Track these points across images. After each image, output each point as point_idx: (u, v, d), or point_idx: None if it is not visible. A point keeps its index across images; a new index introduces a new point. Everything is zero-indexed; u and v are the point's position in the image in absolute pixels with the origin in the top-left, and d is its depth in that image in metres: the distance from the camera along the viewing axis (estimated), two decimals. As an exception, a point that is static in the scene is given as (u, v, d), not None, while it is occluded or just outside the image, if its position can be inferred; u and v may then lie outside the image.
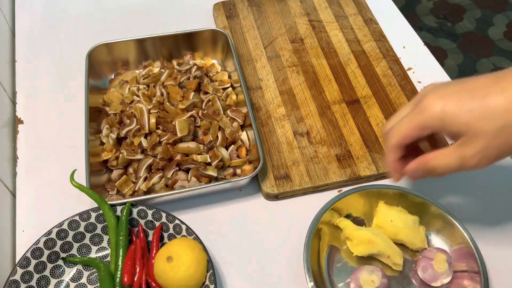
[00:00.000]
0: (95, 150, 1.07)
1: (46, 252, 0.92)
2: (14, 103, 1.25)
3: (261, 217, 1.05)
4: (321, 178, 1.08)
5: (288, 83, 1.27)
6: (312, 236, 0.95)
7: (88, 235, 0.97)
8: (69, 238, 0.95)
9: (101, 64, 1.24)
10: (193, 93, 1.16)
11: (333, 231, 1.00)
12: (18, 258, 0.99)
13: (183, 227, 0.96)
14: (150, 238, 0.98)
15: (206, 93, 1.20)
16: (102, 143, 1.11)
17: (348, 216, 1.01)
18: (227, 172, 1.08)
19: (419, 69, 1.32)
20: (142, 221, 0.98)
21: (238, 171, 1.10)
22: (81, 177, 1.02)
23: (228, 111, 1.16)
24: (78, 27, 1.43)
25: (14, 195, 1.10)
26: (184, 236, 0.96)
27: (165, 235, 0.98)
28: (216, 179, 1.05)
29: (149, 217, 0.98)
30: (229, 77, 1.27)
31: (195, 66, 1.25)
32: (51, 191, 1.08)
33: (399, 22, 1.46)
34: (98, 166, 1.06)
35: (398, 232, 0.96)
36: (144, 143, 1.07)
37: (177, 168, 1.06)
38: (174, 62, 1.27)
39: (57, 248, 0.93)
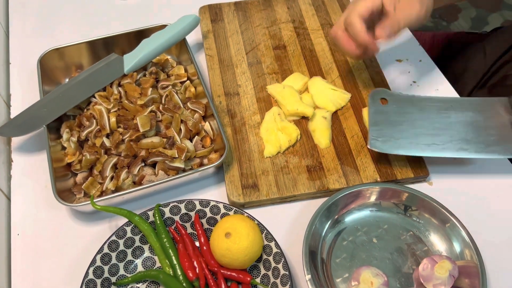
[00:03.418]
0: (57, 155, 1.08)
1: (98, 282, 0.91)
2: (8, 105, 1.26)
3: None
4: (289, 189, 1.07)
5: (266, 91, 1.26)
6: (312, 230, 0.96)
7: (129, 251, 0.97)
8: (114, 260, 0.95)
9: (54, 70, 1.25)
10: (150, 89, 1.18)
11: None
12: (13, 262, 0.99)
13: (220, 205, 0.98)
14: (188, 231, 1.01)
15: (164, 88, 1.21)
16: (64, 148, 1.12)
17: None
18: (194, 163, 1.10)
19: (415, 69, 1.33)
20: (176, 217, 1.00)
21: (205, 160, 1.12)
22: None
23: (188, 103, 1.18)
24: (73, 28, 1.43)
25: (9, 198, 1.10)
26: (225, 213, 0.98)
27: (203, 221, 1.00)
28: (184, 170, 1.07)
29: (183, 210, 0.99)
30: (186, 70, 1.28)
31: (150, 63, 1.27)
32: (46, 194, 1.08)
33: None
34: (63, 171, 1.07)
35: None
36: (107, 143, 1.08)
37: (143, 164, 1.07)
38: None
39: (106, 274, 0.93)
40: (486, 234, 1.03)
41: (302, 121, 1.20)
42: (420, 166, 1.12)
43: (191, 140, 1.12)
